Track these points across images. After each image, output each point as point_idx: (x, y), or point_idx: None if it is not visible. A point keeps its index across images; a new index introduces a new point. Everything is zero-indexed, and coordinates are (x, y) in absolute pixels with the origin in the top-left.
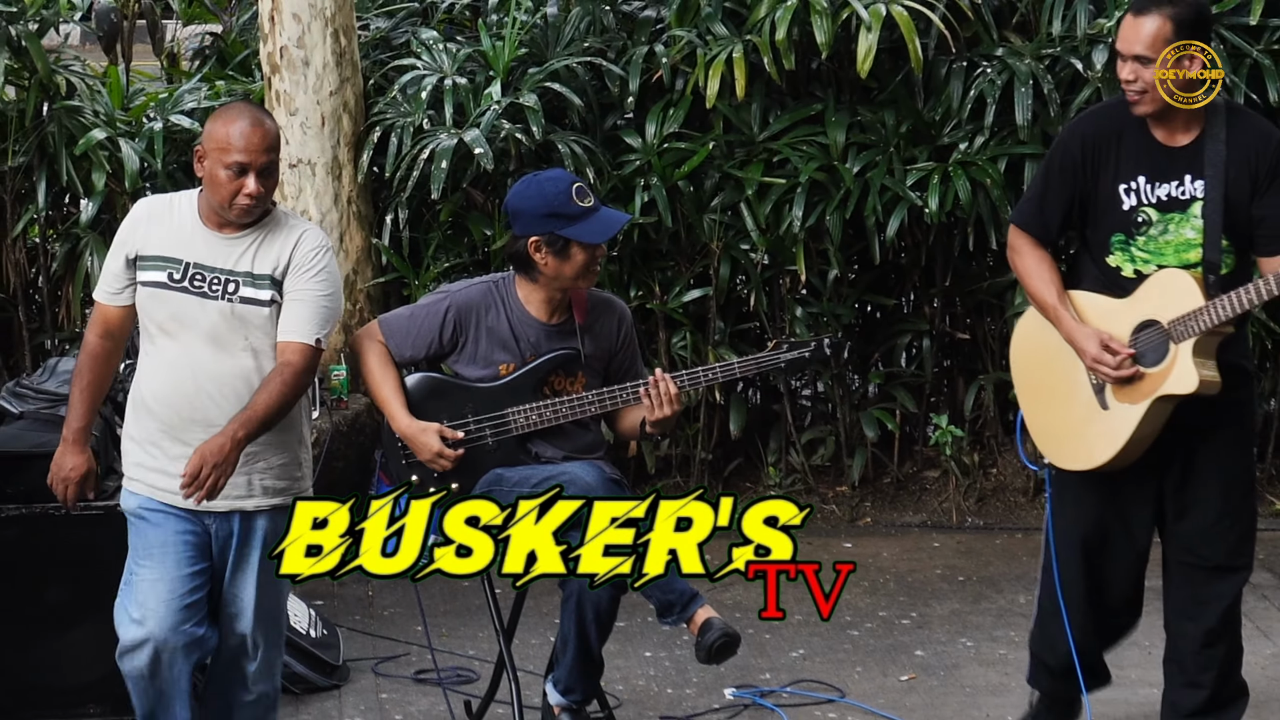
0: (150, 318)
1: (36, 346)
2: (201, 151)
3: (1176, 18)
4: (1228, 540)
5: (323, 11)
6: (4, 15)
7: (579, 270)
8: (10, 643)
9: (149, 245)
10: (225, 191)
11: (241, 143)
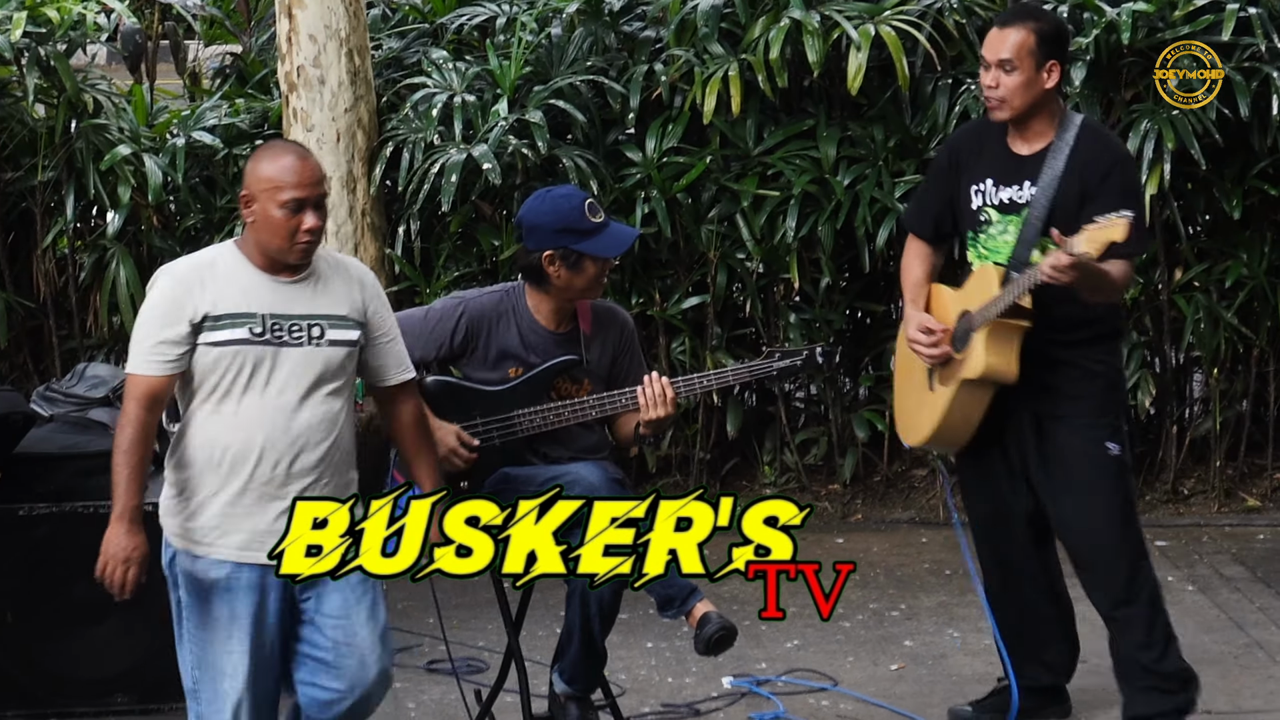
0: (222, 377)
1: (66, 353)
2: (249, 195)
3: (1039, 31)
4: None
5: (338, 32)
6: (34, 36)
7: (589, 282)
8: (42, 636)
9: (219, 305)
10: (284, 231)
11: (294, 178)
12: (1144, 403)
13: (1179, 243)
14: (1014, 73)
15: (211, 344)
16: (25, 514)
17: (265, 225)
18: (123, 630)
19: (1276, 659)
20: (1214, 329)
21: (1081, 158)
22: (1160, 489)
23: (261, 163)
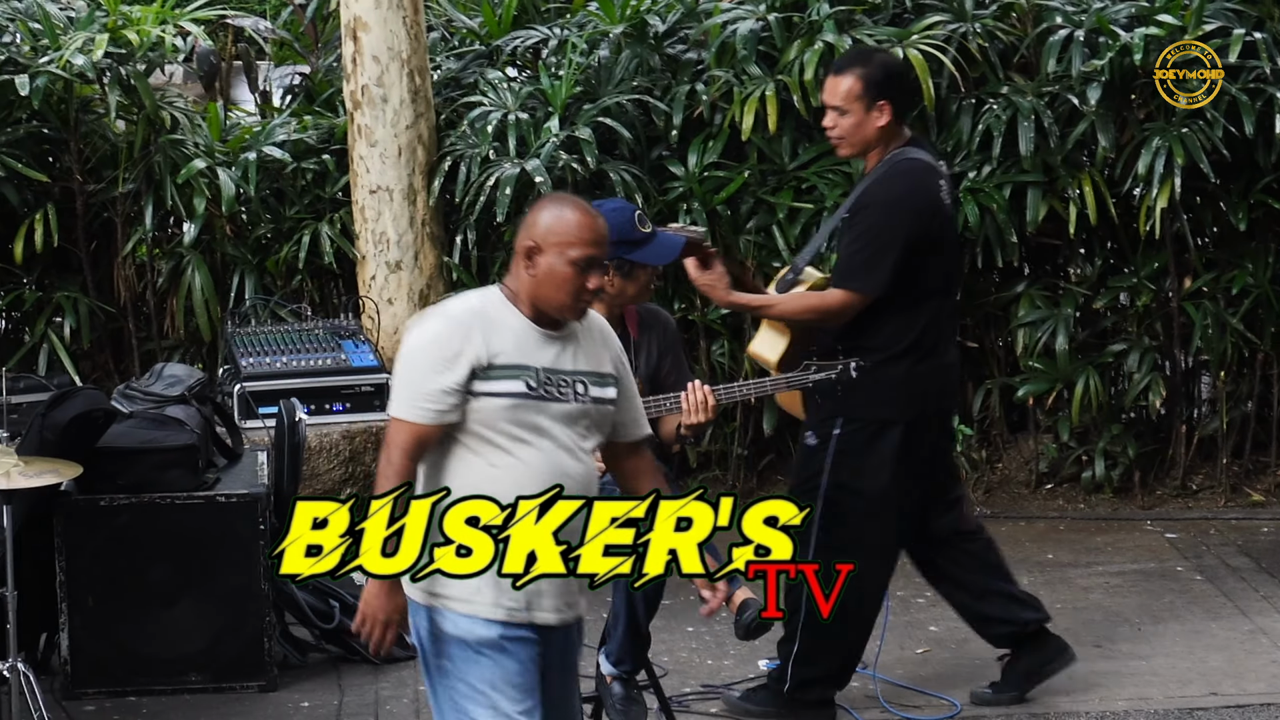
0: (495, 428)
1: (144, 353)
2: (534, 245)
3: (866, 76)
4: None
5: (399, 54)
6: (115, 57)
7: (640, 289)
8: (120, 618)
9: (498, 355)
10: (570, 288)
11: (589, 235)
12: (1155, 403)
13: (1188, 253)
14: (846, 115)
15: (488, 394)
16: (106, 504)
17: (550, 280)
18: (197, 613)
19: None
20: (1221, 334)
21: (859, 193)
22: (1170, 484)
23: (552, 216)
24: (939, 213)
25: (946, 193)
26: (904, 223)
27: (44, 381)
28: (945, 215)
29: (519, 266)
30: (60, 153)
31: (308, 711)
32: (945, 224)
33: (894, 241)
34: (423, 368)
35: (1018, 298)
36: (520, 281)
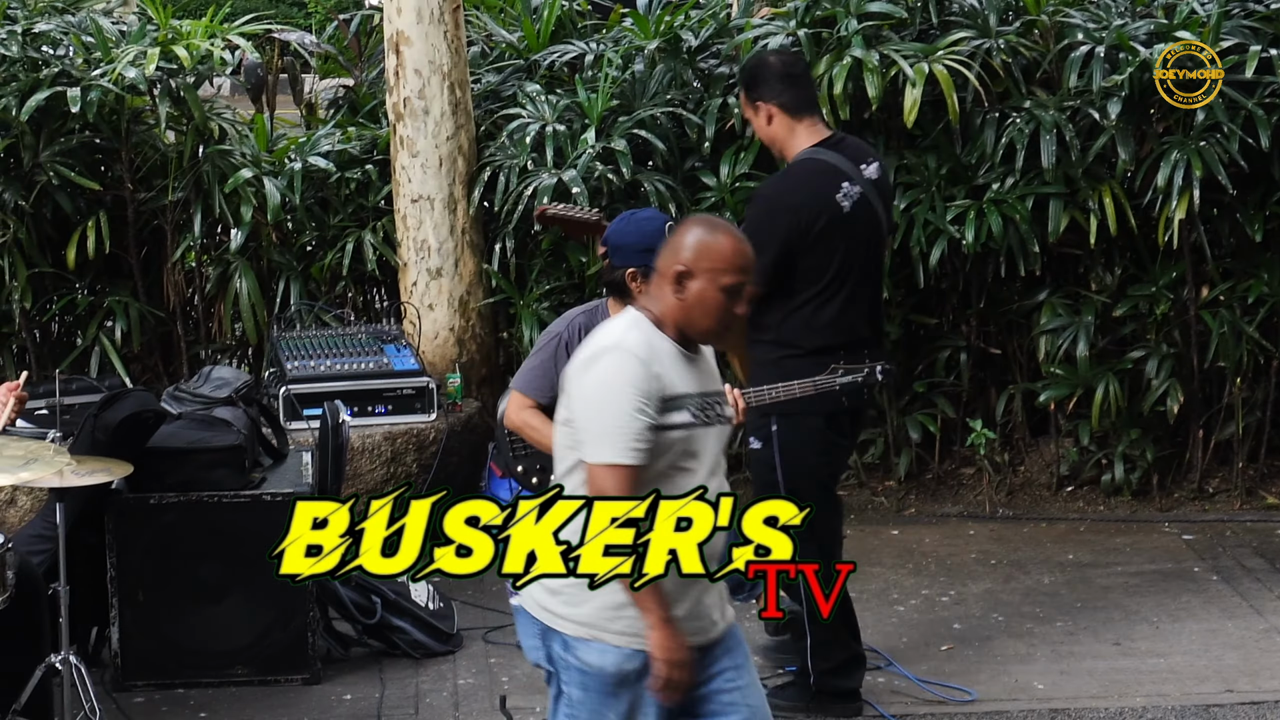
0: (670, 461)
1: (192, 356)
2: (685, 270)
3: (742, 84)
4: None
5: (440, 67)
6: (165, 70)
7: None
8: (169, 613)
9: (671, 385)
10: (719, 314)
11: (741, 261)
12: (1173, 409)
13: (1205, 263)
14: (750, 124)
15: (671, 427)
16: (155, 503)
17: (700, 304)
18: (243, 608)
19: None
20: (1237, 342)
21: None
22: (1187, 487)
23: (704, 241)
24: (825, 211)
25: (850, 194)
26: (781, 220)
27: (95, 383)
28: (837, 214)
29: (664, 290)
30: (112, 162)
31: (350, 704)
32: (838, 224)
33: (771, 239)
34: (627, 409)
35: (1040, 305)
36: (665, 305)
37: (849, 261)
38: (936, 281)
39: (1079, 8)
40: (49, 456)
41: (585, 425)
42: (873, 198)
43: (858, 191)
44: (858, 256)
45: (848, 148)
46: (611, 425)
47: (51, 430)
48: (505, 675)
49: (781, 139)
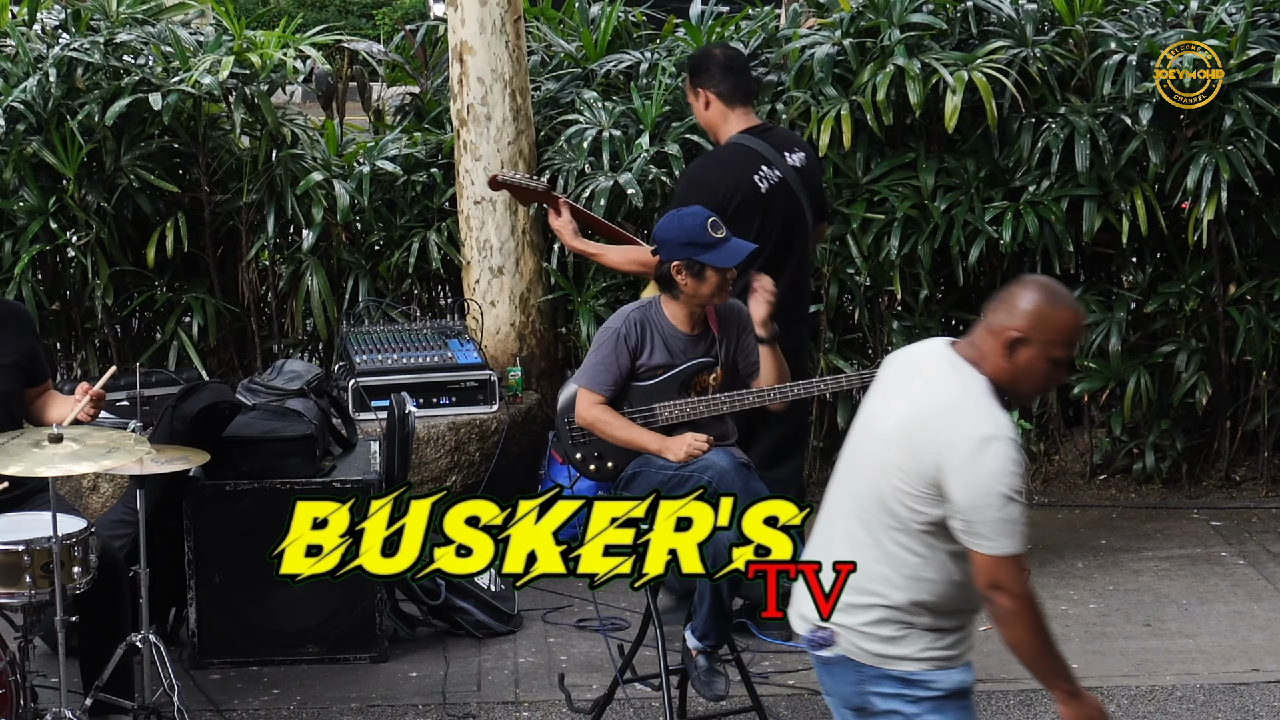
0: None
1: (265, 350)
2: (1021, 336)
3: (686, 72)
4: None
5: (502, 75)
6: (240, 77)
7: (713, 289)
8: (245, 595)
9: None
10: (1043, 384)
11: (1076, 336)
12: (1201, 400)
13: (1232, 262)
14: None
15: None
16: (231, 489)
17: (1027, 374)
18: (314, 590)
19: None
20: (1263, 337)
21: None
22: (1215, 476)
23: (1047, 311)
24: (741, 190)
25: (768, 177)
26: (700, 196)
27: (174, 376)
28: (752, 194)
29: (993, 347)
30: (189, 166)
31: (416, 681)
32: (753, 202)
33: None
34: (1019, 501)
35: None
36: (994, 365)
37: (765, 238)
38: (975, 279)
39: (1112, 18)
40: (130, 445)
41: (981, 517)
42: (794, 183)
43: (777, 175)
44: (774, 235)
45: (774, 136)
46: (1012, 518)
47: (132, 420)
48: (563, 654)
49: (715, 124)
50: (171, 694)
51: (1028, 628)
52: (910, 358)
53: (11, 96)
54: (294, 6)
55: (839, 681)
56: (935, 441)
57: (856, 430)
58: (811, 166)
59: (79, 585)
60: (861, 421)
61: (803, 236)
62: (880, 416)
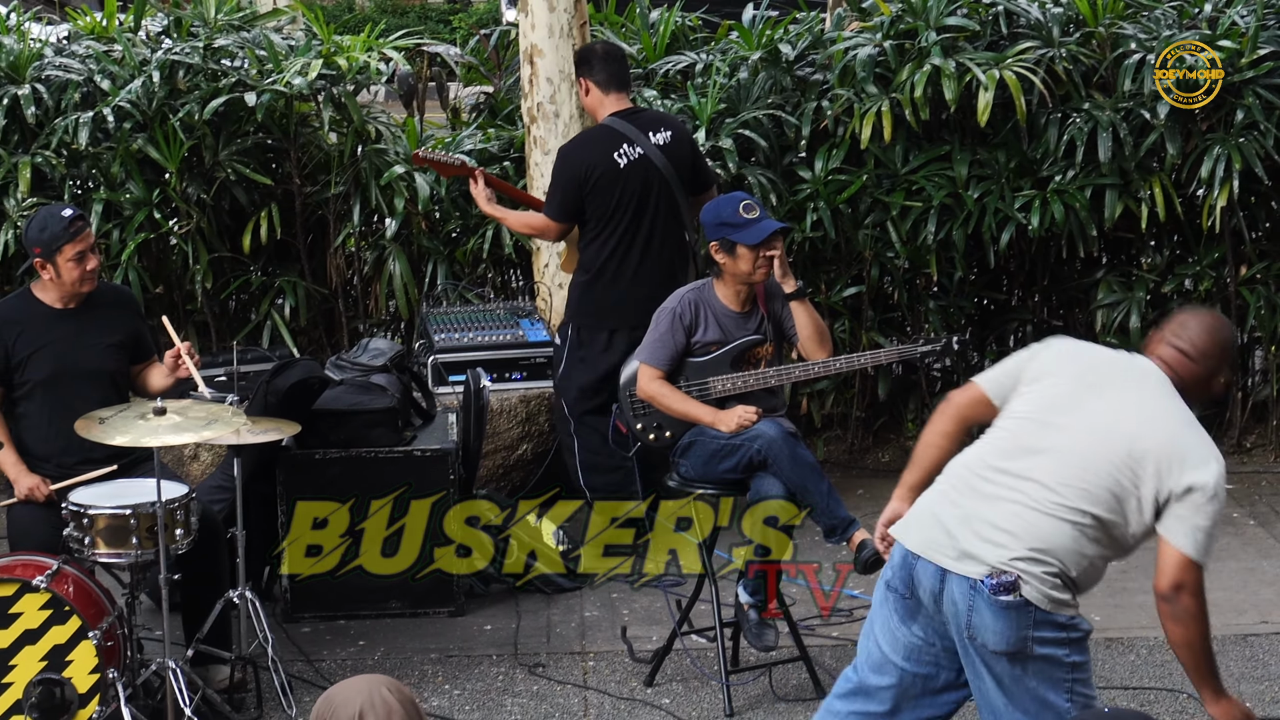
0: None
1: (352, 330)
2: (1226, 380)
3: (574, 63)
4: None
5: (569, 76)
6: (328, 78)
7: (749, 266)
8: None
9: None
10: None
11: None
12: None
13: (1244, 245)
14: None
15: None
16: (320, 458)
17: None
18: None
19: None
20: (1272, 314)
21: None
22: (1227, 443)
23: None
24: (600, 165)
25: (627, 154)
26: (567, 170)
27: (268, 353)
28: (610, 169)
29: (1202, 385)
30: (282, 160)
31: (490, 634)
32: (611, 176)
33: (558, 183)
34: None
35: (1097, 283)
36: (1194, 394)
37: (623, 207)
38: (1005, 262)
39: (1132, 20)
40: (228, 417)
41: (1194, 524)
42: (656, 160)
43: (637, 153)
44: (632, 205)
45: (641, 118)
46: (1213, 533)
47: (229, 395)
48: (626, 609)
49: (594, 108)
50: (266, 645)
51: (1201, 629)
52: (1125, 367)
53: (119, 97)
54: (377, 13)
55: (1006, 624)
56: (1179, 465)
57: (1062, 413)
58: (676, 143)
59: (181, 546)
60: (1070, 409)
61: (669, 205)
62: (1105, 415)
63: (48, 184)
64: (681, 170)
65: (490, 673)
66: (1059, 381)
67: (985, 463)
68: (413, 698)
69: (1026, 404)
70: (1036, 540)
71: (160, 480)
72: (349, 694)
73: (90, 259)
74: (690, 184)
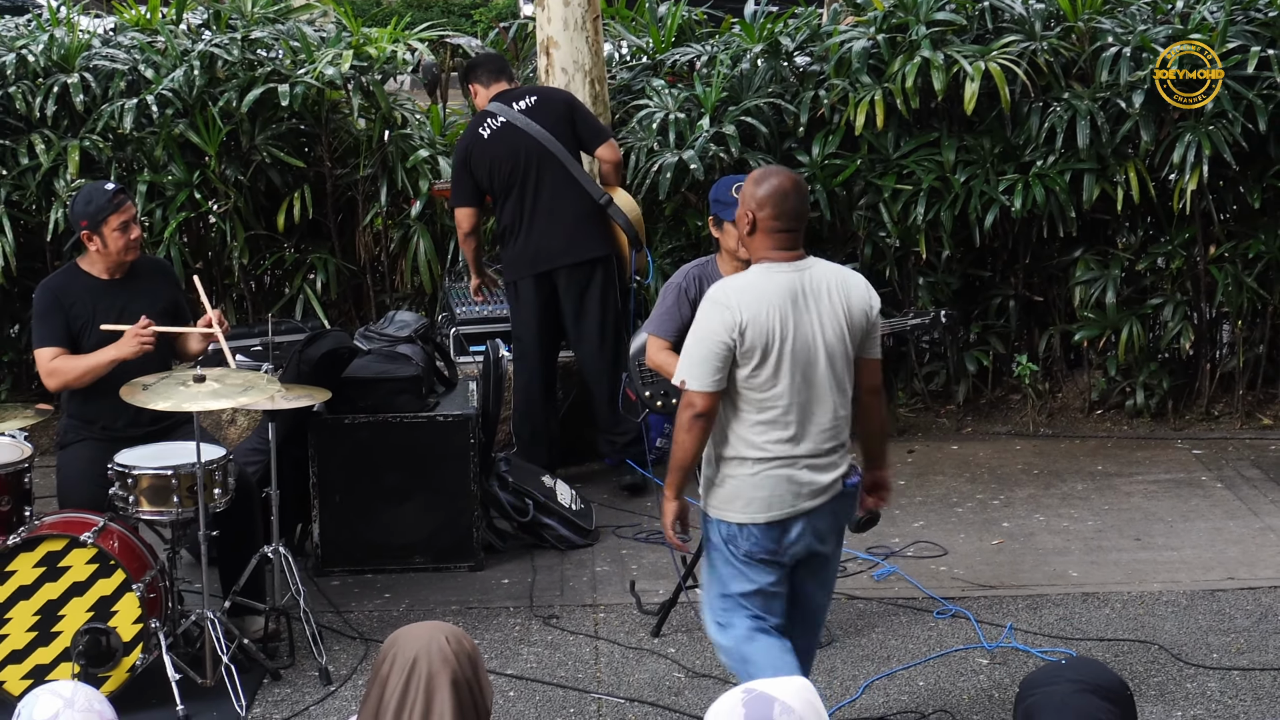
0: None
1: (379, 303)
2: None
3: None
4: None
5: (583, 66)
6: (358, 68)
7: (735, 242)
8: (360, 513)
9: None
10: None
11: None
12: (1185, 346)
13: (1213, 226)
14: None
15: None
16: (349, 422)
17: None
18: (422, 509)
19: None
20: (1239, 291)
21: None
22: (1196, 411)
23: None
24: (472, 141)
25: (490, 125)
26: (454, 159)
27: (300, 325)
28: (477, 141)
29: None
30: (314, 144)
31: (507, 587)
32: (481, 148)
33: (456, 166)
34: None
35: (1075, 261)
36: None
37: (496, 170)
38: (990, 241)
39: (1109, 15)
40: (263, 385)
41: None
42: (519, 123)
43: (500, 122)
44: (506, 167)
45: (510, 93)
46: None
47: (264, 363)
48: (634, 564)
49: (481, 101)
50: (298, 597)
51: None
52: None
53: (162, 85)
54: (403, 7)
55: (847, 508)
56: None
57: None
58: (542, 106)
59: (219, 505)
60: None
61: (547, 161)
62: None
63: (95, 166)
64: (555, 128)
65: (507, 624)
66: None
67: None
68: (472, 651)
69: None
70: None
71: (200, 443)
72: (410, 638)
73: (133, 229)
74: (571, 140)
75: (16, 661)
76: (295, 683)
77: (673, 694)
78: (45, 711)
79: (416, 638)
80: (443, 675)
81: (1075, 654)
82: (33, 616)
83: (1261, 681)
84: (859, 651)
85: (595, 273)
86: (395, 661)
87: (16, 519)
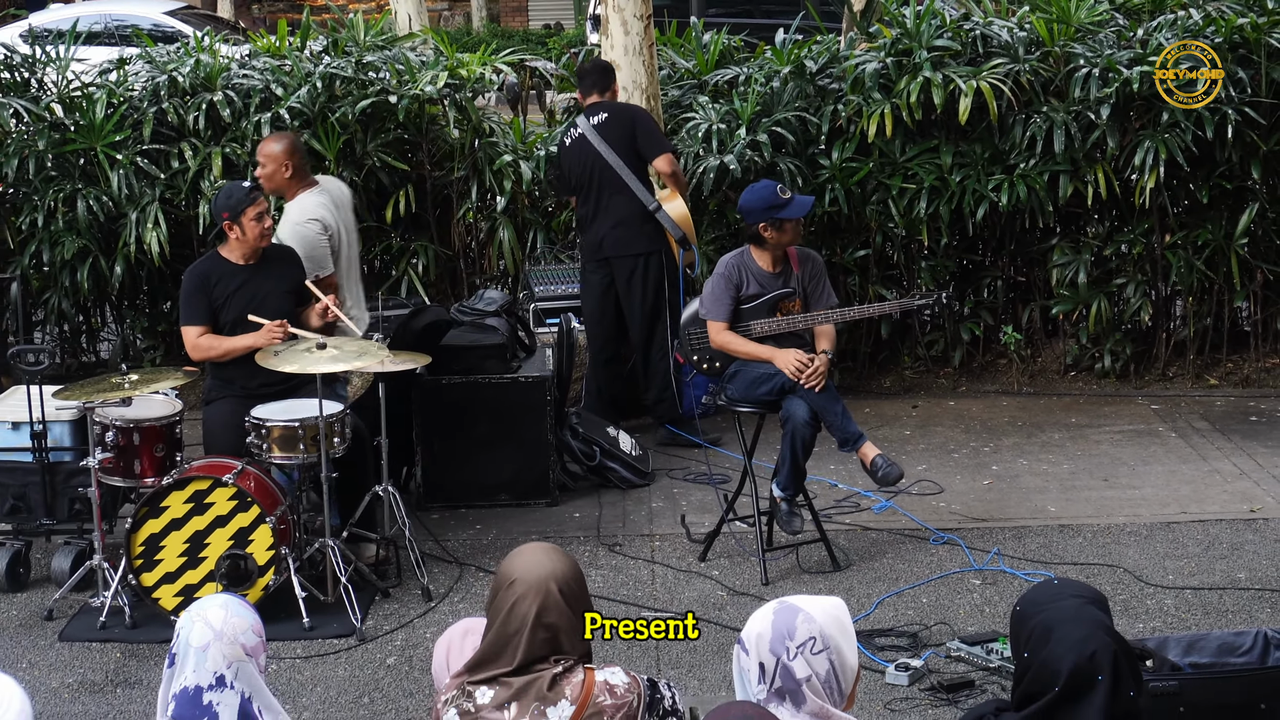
0: None
1: (470, 283)
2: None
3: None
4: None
5: (640, 85)
6: (452, 86)
7: (791, 236)
8: (456, 459)
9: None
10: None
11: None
12: (1145, 319)
13: (1168, 217)
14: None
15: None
16: (446, 383)
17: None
18: (506, 455)
19: (1228, 481)
20: (1189, 272)
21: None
22: (1154, 373)
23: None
24: (561, 148)
25: (570, 134)
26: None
27: (405, 301)
28: (561, 146)
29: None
30: (416, 151)
31: (578, 520)
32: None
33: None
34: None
35: (1053, 248)
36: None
37: (571, 173)
38: (981, 231)
39: (1081, 42)
40: (374, 351)
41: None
42: (590, 136)
43: (577, 133)
44: (574, 172)
45: (593, 108)
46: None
47: (376, 334)
48: (684, 500)
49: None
50: (404, 529)
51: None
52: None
53: (289, 100)
54: (490, 35)
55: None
56: None
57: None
58: (609, 124)
59: (337, 451)
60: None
61: (609, 172)
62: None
63: (234, 169)
64: (618, 143)
65: (578, 550)
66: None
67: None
68: (572, 578)
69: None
70: None
71: (321, 399)
72: (519, 559)
73: (266, 219)
74: (631, 153)
75: (170, 582)
76: (402, 599)
77: (716, 609)
78: (199, 640)
79: (524, 560)
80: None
81: (1054, 576)
82: (183, 544)
83: (1209, 598)
84: (871, 574)
85: (639, 265)
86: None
87: (169, 463)
